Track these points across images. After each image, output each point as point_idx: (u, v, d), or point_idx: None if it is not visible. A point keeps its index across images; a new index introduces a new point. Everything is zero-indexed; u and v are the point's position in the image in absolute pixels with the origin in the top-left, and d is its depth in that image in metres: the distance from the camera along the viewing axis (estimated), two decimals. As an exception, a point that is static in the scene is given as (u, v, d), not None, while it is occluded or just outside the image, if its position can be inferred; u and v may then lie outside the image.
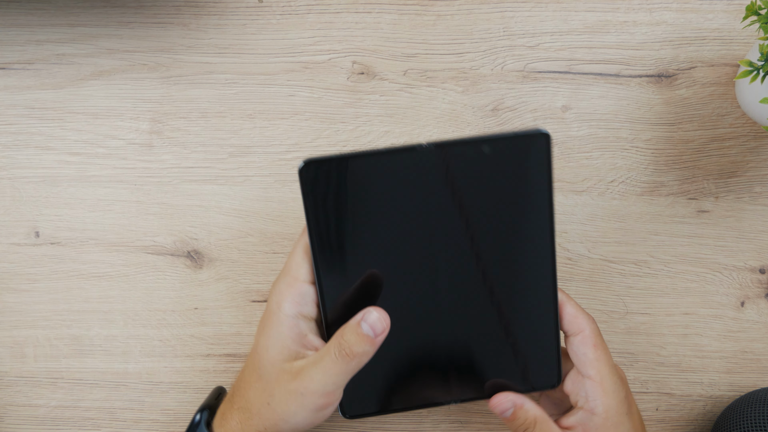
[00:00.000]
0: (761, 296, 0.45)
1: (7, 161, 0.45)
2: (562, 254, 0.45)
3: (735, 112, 0.45)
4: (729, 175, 0.45)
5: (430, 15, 0.45)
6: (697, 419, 0.44)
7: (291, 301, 0.35)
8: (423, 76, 0.45)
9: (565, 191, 0.45)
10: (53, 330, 0.45)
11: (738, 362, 0.44)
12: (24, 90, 0.45)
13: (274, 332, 0.35)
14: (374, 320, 0.33)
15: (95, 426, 0.45)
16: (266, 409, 0.35)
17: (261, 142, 0.45)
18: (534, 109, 0.45)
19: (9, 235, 0.45)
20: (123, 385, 0.45)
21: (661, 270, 0.45)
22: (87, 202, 0.45)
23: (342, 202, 0.33)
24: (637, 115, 0.45)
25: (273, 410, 0.34)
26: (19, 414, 0.45)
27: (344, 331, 0.34)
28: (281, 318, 0.34)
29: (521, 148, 0.33)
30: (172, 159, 0.45)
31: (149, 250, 0.45)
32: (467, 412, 0.44)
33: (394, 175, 0.33)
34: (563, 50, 0.45)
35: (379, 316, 0.33)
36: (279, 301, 0.35)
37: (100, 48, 0.46)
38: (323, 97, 0.45)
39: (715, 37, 0.45)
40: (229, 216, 0.45)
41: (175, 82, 0.45)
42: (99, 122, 0.45)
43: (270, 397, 0.35)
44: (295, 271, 0.35)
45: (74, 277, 0.45)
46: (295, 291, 0.35)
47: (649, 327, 0.45)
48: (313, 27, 0.45)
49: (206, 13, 0.46)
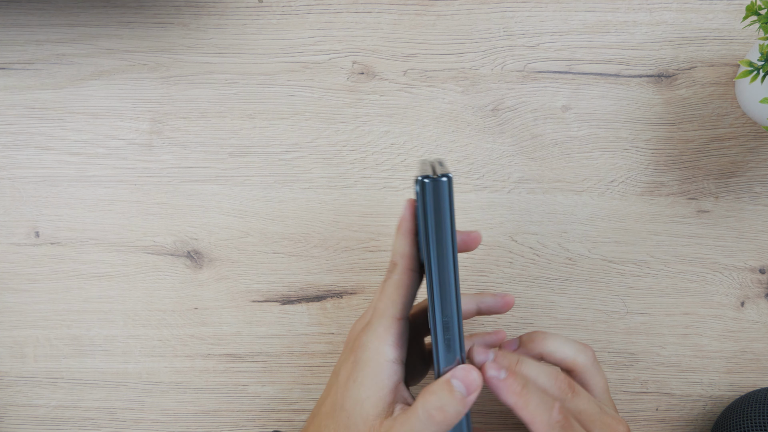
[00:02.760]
0: (761, 296, 0.45)
1: (7, 161, 0.45)
2: (562, 254, 0.45)
3: (735, 112, 0.45)
4: (729, 175, 0.45)
5: (430, 15, 0.45)
6: (697, 419, 0.44)
7: (392, 343, 0.31)
8: (423, 76, 0.45)
9: (565, 191, 0.45)
10: (53, 330, 0.45)
11: (738, 362, 0.44)
12: (24, 90, 0.45)
13: (372, 382, 0.30)
14: (467, 377, 0.30)
15: (95, 426, 0.45)
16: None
17: (261, 142, 0.45)
18: (534, 109, 0.45)
19: (9, 235, 0.45)
20: (123, 385, 0.45)
21: (661, 270, 0.45)
22: (87, 202, 0.45)
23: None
24: (637, 115, 0.45)
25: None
26: (19, 414, 0.45)
27: (433, 388, 0.30)
28: (382, 364, 0.31)
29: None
30: (172, 159, 0.45)
31: (149, 250, 0.45)
32: (467, 412, 0.44)
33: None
34: (563, 50, 0.45)
35: (475, 374, 0.30)
36: (378, 346, 0.31)
37: (100, 48, 0.46)
38: (323, 97, 0.45)
39: (715, 37, 0.45)
40: (229, 216, 0.45)
41: (175, 82, 0.45)
42: (99, 122, 0.45)
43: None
44: (391, 310, 0.31)
45: (74, 277, 0.45)
46: (395, 331, 0.31)
47: (649, 327, 0.45)
48: (313, 27, 0.45)
49: (206, 13, 0.46)
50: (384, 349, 0.31)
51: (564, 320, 0.45)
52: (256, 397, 0.45)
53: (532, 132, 0.45)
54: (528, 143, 0.45)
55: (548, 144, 0.45)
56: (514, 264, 0.45)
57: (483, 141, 0.45)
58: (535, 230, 0.45)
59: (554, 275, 0.45)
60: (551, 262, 0.45)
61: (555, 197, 0.45)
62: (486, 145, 0.45)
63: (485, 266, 0.45)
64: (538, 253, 0.45)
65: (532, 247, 0.45)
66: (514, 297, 0.34)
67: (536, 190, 0.45)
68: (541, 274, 0.45)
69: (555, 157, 0.45)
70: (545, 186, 0.45)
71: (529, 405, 0.31)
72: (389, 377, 0.31)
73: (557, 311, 0.45)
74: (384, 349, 0.31)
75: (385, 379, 0.31)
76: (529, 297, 0.45)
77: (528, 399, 0.31)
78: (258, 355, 0.45)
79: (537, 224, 0.45)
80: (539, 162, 0.45)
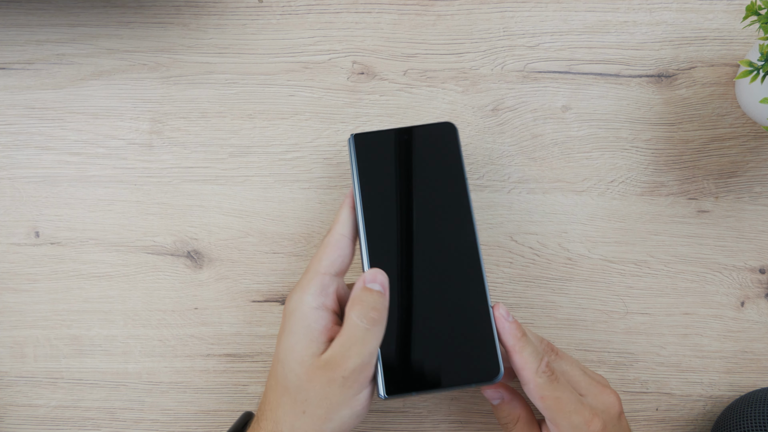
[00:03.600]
0: (761, 296, 0.45)
1: (7, 161, 0.45)
2: (562, 254, 0.45)
3: (735, 112, 0.45)
4: (729, 175, 0.45)
5: (430, 15, 0.45)
6: (697, 419, 0.44)
7: (313, 293, 0.34)
8: (423, 76, 0.45)
9: (565, 191, 0.45)
10: (53, 330, 0.45)
11: (738, 362, 0.44)
12: (24, 90, 0.45)
13: (299, 327, 0.33)
14: (374, 275, 0.34)
15: (95, 426, 0.45)
16: (302, 419, 0.32)
17: (261, 142, 0.45)
18: (534, 109, 0.45)
19: (9, 235, 0.45)
20: (123, 385, 0.45)
21: (661, 270, 0.45)
22: (87, 202, 0.45)
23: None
24: (637, 115, 0.45)
25: (311, 417, 0.32)
26: (19, 414, 0.45)
27: (360, 297, 0.34)
28: (305, 311, 0.34)
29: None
30: (172, 159, 0.45)
31: (149, 250, 0.45)
32: (467, 412, 0.44)
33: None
34: (563, 50, 0.45)
35: (376, 270, 0.35)
36: (300, 296, 0.34)
37: (100, 48, 0.46)
38: (323, 97, 0.45)
39: (715, 37, 0.45)
40: (229, 216, 0.45)
41: (175, 82, 0.45)
42: (99, 122, 0.45)
43: (304, 404, 0.32)
44: (315, 266, 0.35)
45: (74, 277, 0.45)
46: (317, 282, 0.34)
47: (649, 327, 0.45)
48: (313, 27, 0.45)
49: (206, 13, 0.46)
50: (306, 298, 0.34)
51: (564, 320, 0.45)
52: (256, 397, 0.45)
53: (532, 132, 0.45)
54: (528, 143, 0.45)
55: (548, 144, 0.45)
56: (514, 264, 0.45)
57: (483, 141, 0.45)
58: (535, 230, 0.45)
59: (554, 275, 0.45)
60: (551, 262, 0.45)
61: (555, 197, 0.45)
62: (486, 145, 0.45)
63: (485, 266, 0.45)
64: (538, 253, 0.45)
65: (532, 247, 0.45)
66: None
67: (536, 190, 0.45)
68: (541, 274, 0.45)
69: (555, 157, 0.45)
70: (545, 186, 0.45)
71: (524, 351, 0.34)
72: (315, 321, 0.33)
73: (557, 311, 0.45)
74: (306, 298, 0.34)
75: (312, 323, 0.33)
76: (529, 297, 0.45)
77: (524, 346, 0.35)
78: (258, 355, 0.45)
79: (537, 224, 0.45)
80: (539, 162, 0.45)
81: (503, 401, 0.38)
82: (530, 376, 0.34)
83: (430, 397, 0.44)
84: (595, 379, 0.37)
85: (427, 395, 0.42)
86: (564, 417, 0.34)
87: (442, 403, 0.44)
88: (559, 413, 0.34)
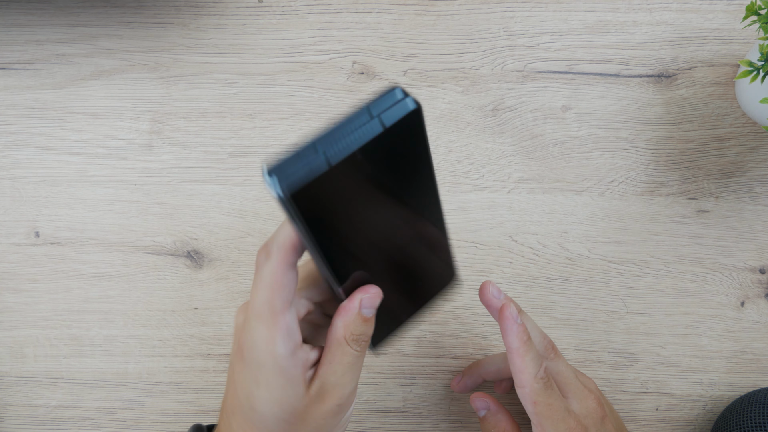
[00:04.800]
0: (761, 296, 0.45)
1: (7, 161, 0.45)
2: (562, 254, 0.45)
3: (735, 112, 0.45)
4: (729, 175, 0.45)
5: (430, 15, 0.45)
6: (697, 419, 0.44)
7: (282, 341, 0.28)
8: (423, 76, 0.45)
9: (565, 191, 0.45)
10: (53, 330, 0.45)
11: (738, 362, 0.44)
12: (24, 90, 0.45)
13: (277, 381, 0.29)
14: (372, 301, 0.30)
15: (95, 426, 0.45)
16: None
17: (261, 142, 0.45)
18: (534, 109, 0.45)
19: (9, 235, 0.45)
20: (123, 385, 0.45)
21: (661, 270, 0.45)
22: (87, 202, 0.45)
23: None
24: (637, 115, 0.45)
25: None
26: (19, 414, 0.45)
27: (354, 324, 0.29)
28: (280, 364, 0.29)
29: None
30: (172, 159, 0.45)
31: (149, 250, 0.45)
32: (467, 412, 0.44)
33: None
34: (563, 50, 0.45)
35: (374, 295, 0.30)
36: (266, 348, 0.28)
37: (100, 48, 0.46)
38: (323, 97, 0.45)
39: (715, 37, 0.45)
40: (229, 216, 0.45)
41: (175, 82, 0.45)
42: (99, 122, 0.45)
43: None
44: (270, 306, 0.28)
45: (74, 277, 0.45)
46: (281, 326, 0.28)
47: (649, 327, 0.45)
48: (313, 27, 0.45)
49: (206, 13, 0.46)
50: (276, 349, 0.29)
51: (564, 320, 0.45)
52: (256, 397, 0.45)
53: (532, 132, 0.45)
54: (528, 143, 0.45)
55: (548, 144, 0.45)
56: (514, 264, 0.45)
57: (483, 141, 0.45)
58: (535, 230, 0.45)
59: (554, 275, 0.45)
60: (551, 262, 0.45)
61: (555, 197, 0.45)
62: (486, 145, 0.45)
63: (485, 266, 0.45)
64: (538, 253, 0.45)
65: (532, 247, 0.45)
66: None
67: (536, 190, 0.45)
68: (541, 274, 0.45)
69: (555, 157, 0.45)
70: (545, 186, 0.45)
71: (526, 355, 0.34)
72: (294, 367, 0.29)
73: (557, 311, 0.45)
74: (276, 350, 0.29)
75: (290, 370, 0.29)
76: (529, 297, 0.45)
77: (527, 350, 0.34)
78: (258, 355, 0.45)
79: (537, 224, 0.45)
80: (539, 162, 0.45)
81: (489, 412, 0.38)
82: (528, 380, 0.34)
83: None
84: (585, 384, 0.38)
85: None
86: (552, 424, 0.35)
87: (442, 403, 0.44)
88: (548, 420, 0.34)
